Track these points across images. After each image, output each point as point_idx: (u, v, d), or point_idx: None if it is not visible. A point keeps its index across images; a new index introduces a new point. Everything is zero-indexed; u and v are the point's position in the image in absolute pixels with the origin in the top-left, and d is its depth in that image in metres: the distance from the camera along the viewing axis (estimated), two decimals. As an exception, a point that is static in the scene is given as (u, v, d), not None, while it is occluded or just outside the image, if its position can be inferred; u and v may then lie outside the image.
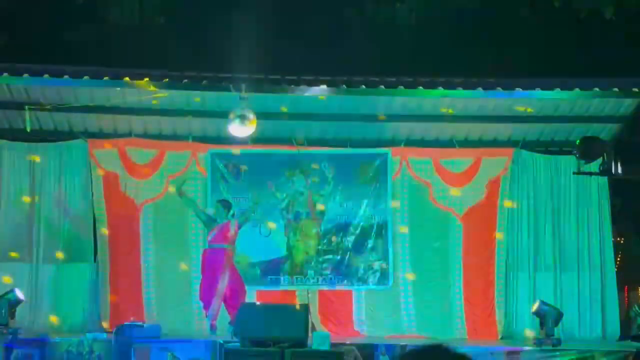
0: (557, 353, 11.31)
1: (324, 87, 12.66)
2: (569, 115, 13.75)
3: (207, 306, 12.51)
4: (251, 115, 12.03)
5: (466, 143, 14.25)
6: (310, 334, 10.85)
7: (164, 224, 13.96)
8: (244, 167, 13.96)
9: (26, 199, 13.74)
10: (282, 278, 13.94)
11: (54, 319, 13.30)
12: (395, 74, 13.14)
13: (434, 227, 14.12)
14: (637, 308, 13.99)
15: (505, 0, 16.31)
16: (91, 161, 13.86)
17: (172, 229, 13.98)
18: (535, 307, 12.50)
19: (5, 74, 12.44)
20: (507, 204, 13.97)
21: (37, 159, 13.82)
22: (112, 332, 11.85)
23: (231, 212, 12.95)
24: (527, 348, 11.58)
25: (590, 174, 12.05)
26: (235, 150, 13.83)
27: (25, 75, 12.35)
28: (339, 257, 14.03)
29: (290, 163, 14.12)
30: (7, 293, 12.11)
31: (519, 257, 14.02)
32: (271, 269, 13.96)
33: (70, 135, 14.02)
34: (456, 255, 13.99)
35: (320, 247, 14.04)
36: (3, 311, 11.85)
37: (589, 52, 15.14)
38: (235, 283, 12.64)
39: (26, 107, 12.76)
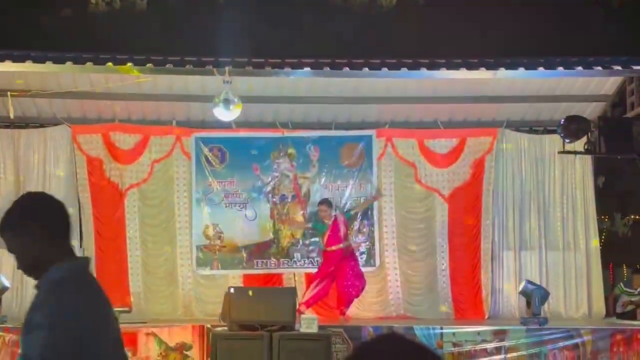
0: (544, 332, 11.34)
1: (307, 69, 12.64)
2: (553, 94, 13.78)
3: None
4: (236, 99, 11.99)
5: (451, 124, 14.25)
6: (297, 317, 10.86)
7: (149, 209, 13.96)
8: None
9: (11, 184, 13.69)
10: (268, 261, 13.94)
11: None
12: (379, 55, 13.12)
13: (419, 208, 14.15)
14: (621, 286, 14.07)
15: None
16: (75, 147, 13.82)
17: (158, 213, 13.98)
18: (521, 286, 12.54)
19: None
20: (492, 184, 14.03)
21: (21, 145, 13.79)
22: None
23: (334, 209, 13.12)
24: (513, 327, 11.61)
25: (575, 152, 12.05)
26: (220, 134, 13.87)
27: (8, 61, 12.26)
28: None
29: (274, 146, 14.10)
30: (-7, 281, 12.06)
31: (505, 237, 14.07)
32: (258, 253, 13.95)
33: (54, 121, 13.96)
34: (442, 235, 14.02)
35: (306, 230, 14.03)
36: (-11, 299, 11.83)
37: (572, 32, 15.15)
38: (352, 277, 12.71)
39: (9, 93, 12.67)
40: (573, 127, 11.25)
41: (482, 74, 12.71)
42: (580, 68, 12.78)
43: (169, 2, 16.20)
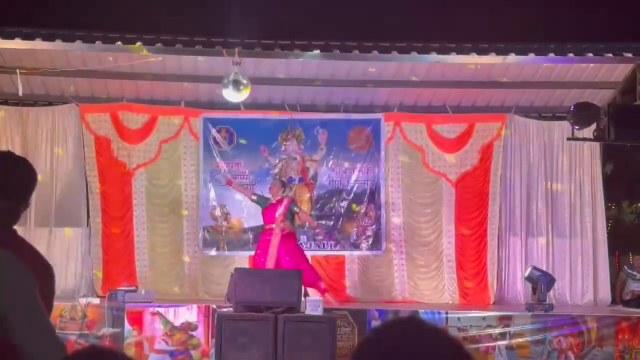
0: (549, 318, 11.33)
1: (317, 52, 12.60)
2: (563, 80, 13.73)
3: None
4: (245, 81, 11.96)
5: (459, 109, 14.22)
6: (303, 299, 10.86)
7: (157, 189, 13.97)
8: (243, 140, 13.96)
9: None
10: (275, 243, 13.92)
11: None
12: (389, 38, 13.08)
13: (426, 193, 14.14)
14: (626, 269, 14.09)
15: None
16: (83, 126, 13.82)
17: (165, 193, 13.99)
18: (527, 272, 12.53)
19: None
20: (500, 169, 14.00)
21: (29, 123, 13.79)
22: (105, 297, 11.86)
23: (285, 191, 12.93)
24: (519, 313, 11.61)
25: (584, 139, 12.02)
26: (228, 115, 13.86)
27: (17, 39, 12.25)
28: (331, 223, 14.03)
29: (282, 128, 14.09)
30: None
31: (512, 223, 14.05)
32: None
33: (62, 99, 13.96)
34: (449, 220, 14.01)
35: (313, 212, 14.03)
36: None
37: (583, 18, 15.10)
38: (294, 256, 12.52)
39: (18, 70, 12.67)
40: (582, 113, 11.20)
41: (492, 59, 12.67)
42: (590, 54, 12.73)
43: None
